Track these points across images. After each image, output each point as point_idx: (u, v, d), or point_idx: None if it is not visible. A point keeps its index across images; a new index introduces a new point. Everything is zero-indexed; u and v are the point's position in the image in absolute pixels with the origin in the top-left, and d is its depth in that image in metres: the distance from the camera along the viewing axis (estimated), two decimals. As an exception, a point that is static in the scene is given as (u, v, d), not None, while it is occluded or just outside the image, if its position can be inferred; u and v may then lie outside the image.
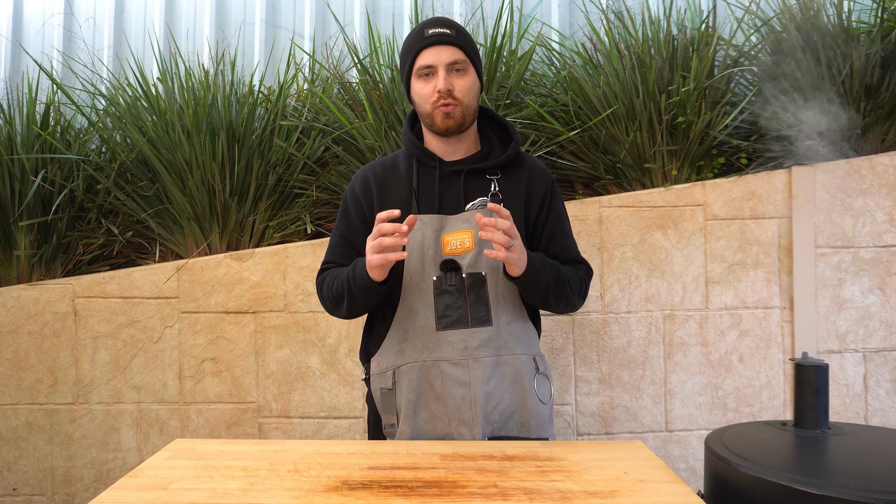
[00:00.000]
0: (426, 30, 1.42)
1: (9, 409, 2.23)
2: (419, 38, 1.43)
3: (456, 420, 1.39)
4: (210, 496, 1.04)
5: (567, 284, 1.43)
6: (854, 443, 1.09)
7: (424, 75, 1.43)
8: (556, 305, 1.45)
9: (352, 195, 1.52)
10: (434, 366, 1.40)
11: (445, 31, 1.42)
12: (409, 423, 1.41)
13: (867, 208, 2.23)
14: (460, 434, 1.39)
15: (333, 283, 1.44)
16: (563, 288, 1.42)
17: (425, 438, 1.42)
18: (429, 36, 1.41)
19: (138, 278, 2.24)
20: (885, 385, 2.23)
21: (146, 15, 2.94)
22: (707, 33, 2.39)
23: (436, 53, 1.41)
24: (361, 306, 1.43)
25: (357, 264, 1.39)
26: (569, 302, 1.46)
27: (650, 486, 1.07)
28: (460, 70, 1.42)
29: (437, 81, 1.40)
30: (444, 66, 1.40)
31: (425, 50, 1.42)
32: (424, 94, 1.43)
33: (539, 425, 1.44)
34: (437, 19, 1.44)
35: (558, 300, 1.43)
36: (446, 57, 1.41)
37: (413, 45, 1.44)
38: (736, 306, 2.23)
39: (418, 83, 1.44)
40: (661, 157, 2.30)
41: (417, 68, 1.43)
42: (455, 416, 1.39)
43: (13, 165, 2.29)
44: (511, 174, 1.50)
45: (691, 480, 2.22)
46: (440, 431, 1.41)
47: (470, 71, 1.44)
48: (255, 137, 2.35)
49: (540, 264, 1.38)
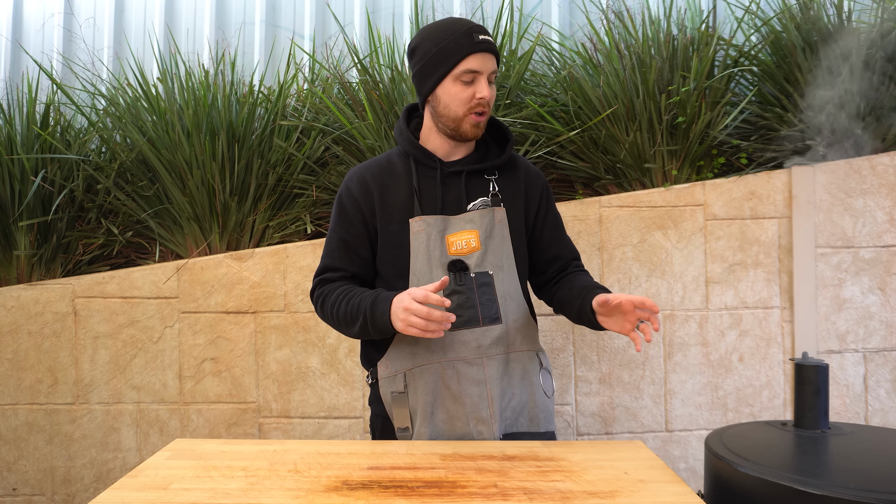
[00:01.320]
0: (476, 35, 1.40)
1: (9, 409, 2.23)
2: (469, 42, 1.39)
3: (474, 419, 1.39)
4: (210, 496, 1.04)
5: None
6: (854, 443, 1.09)
7: (467, 80, 1.40)
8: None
9: (349, 197, 1.48)
10: (449, 366, 1.40)
11: (490, 39, 1.42)
12: (427, 426, 1.40)
13: (867, 208, 2.23)
14: (479, 433, 1.39)
15: (341, 305, 1.40)
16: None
17: (444, 439, 1.41)
18: (480, 42, 1.39)
19: (138, 278, 2.24)
20: (885, 385, 2.23)
21: (146, 15, 2.94)
22: (707, 33, 2.39)
23: (483, 61, 1.40)
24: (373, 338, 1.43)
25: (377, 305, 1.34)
26: None
27: (650, 486, 1.07)
28: (493, 81, 1.45)
29: (477, 88, 1.40)
30: (488, 75, 1.42)
31: (475, 55, 1.39)
32: (463, 97, 1.40)
33: (546, 419, 1.48)
34: (481, 26, 1.44)
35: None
36: (491, 66, 1.42)
37: (461, 48, 1.39)
38: (736, 306, 2.23)
39: (456, 86, 1.41)
40: (661, 157, 2.30)
41: (462, 71, 1.39)
42: (473, 414, 1.39)
43: (13, 165, 2.29)
44: (508, 175, 1.52)
45: (691, 480, 2.22)
46: (458, 431, 1.41)
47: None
48: (255, 137, 2.35)
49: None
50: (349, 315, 1.38)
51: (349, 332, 1.42)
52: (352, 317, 1.38)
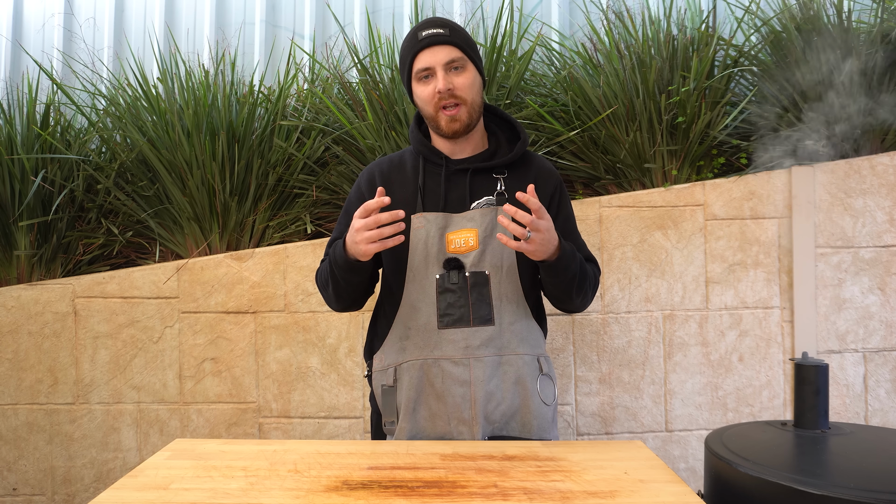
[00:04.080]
0: (420, 32, 1.42)
1: (9, 409, 2.23)
2: (413, 42, 1.43)
3: (455, 419, 1.39)
4: (210, 496, 1.04)
5: (587, 278, 1.43)
6: (854, 443, 1.09)
7: (423, 78, 1.42)
8: (577, 298, 1.44)
9: (357, 191, 1.53)
10: (435, 364, 1.40)
11: (439, 30, 1.41)
12: (409, 421, 1.41)
13: (867, 208, 2.23)
14: (460, 433, 1.39)
15: (323, 272, 1.47)
16: (586, 280, 1.43)
17: (425, 436, 1.42)
18: (423, 38, 1.41)
19: (138, 278, 2.24)
20: (885, 385, 2.23)
21: (146, 15, 2.94)
22: (707, 33, 2.39)
23: (432, 55, 1.40)
24: (345, 287, 1.42)
25: (336, 246, 1.39)
26: (586, 297, 1.46)
27: (650, 486, 1.07)
28: (458, 68, 1.42)
29: (436, 82, 1.40)
30: (442, 66, 1.40)
31: (421, 53, 1.42)
32: (426, 96, 1.42)
33: (541, 426, 1.44)
34: (430, 20, 1.44)
35: (580, 292, 1.43)
36: (442, 57, 1.40)
37: (409, 50, 1.44)
38: (736, 306, 2.23)
39: (419, 86, 1.44)
40: (661, 157, 2.30)
41: (416, 72, 1.43)
42: (455, 414, 1.39)
43: (13, 165, 2.29)
44: (518, 173, 1.50)
45: (691, 480, 2.22)
46: (440, 430, 1.41)
47: (469, 67, 1.43)
48: (255, 137, 2.35)
49: (570, 253, 1.37)
50: (325, 272, 1.43)
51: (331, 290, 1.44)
52: (325, 271, 1.43)
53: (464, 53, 1.43)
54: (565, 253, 1.35)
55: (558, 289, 1.42)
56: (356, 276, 1.40)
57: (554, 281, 1.40)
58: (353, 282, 1.42)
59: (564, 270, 1.37)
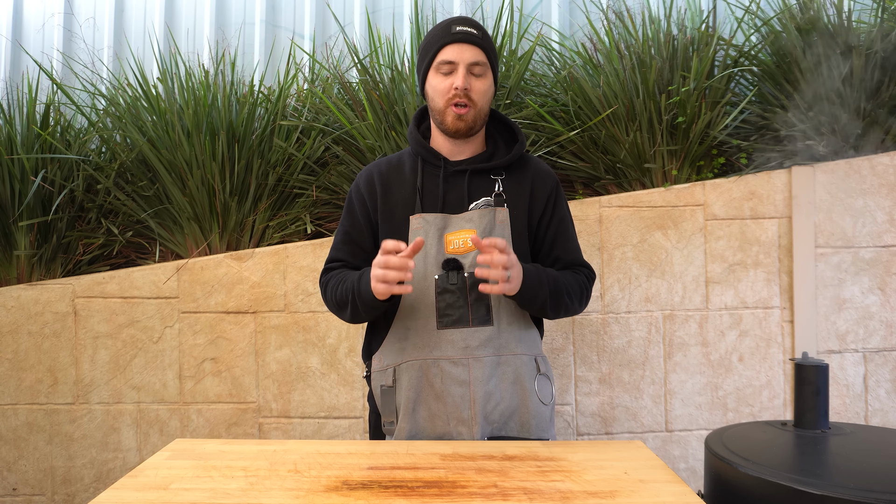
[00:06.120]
0: (453, 26, 1.43)
1: (9, 409, 2.23)
2: (445, 33, 1.43)
3: (455, 419, 1.39)
4: (210, 496, 1.04)
5: (566, 294, 1.44)
6: (854, 443, 1.09)
7: (445, 72, 1.43)
8: (555, 315, 1.47)
9: (356, 193, 1.52)
10: (434, 364, 1.40)
11: (472, 30, 1.43)
12: (409, 421, 1.41)
13: (867, 208, 2.23)
14: (459, 433, 1.39)
15: (338, 287, 1.44)
16: (562, 299, 1.43)
17: (424, 437, 1.42)
18: (455, 32, 1.42)
19: (138, 278, 2.24)
20: (885, 385, 2.23)
21: (146, 15, 2.94)
22: (707, 33, 2.39)
23: (459, 51, 1.41)
24: (364, 317, 1.45)
25: (363, 278, 1.38)
26: (568, 310, 1.47)
27: (650, 486, 1.07)
28: (480, 73, 1.43)
29: (455, 79, 1.41)
30: (466, 65, 1.41)
31: (449, 45, 1.42)
32: (441, 88, 1.43)
33: (539, 426, 1.44)
34: (466, 18, 1.45)
35: (556, 310, 1.45)
36: (469, 56, 1.41)
37: (437, 39, 1.44)
38: (736, 306, 2.23)
39: (436, 77, 1.44)
40: (661, 157, 2.30)
41: (438, 62, 1.43)
42: (454, 414, 1.39)
43: (13, 165, 2.29)
44: (516, 175, 1.51)
45: (691, 480, 2.22)
46: (439, 430, 1.41)
47: (488, 75, 1.45)
48: (255, 137, 2.35)
49: (536, 281, 1.38)
50: (344, 295, 1.42)
51: (348, 314, 1.44)
52: (344, 294, 1.42)
53: (488, 60, 1.44)
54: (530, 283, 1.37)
55: (531, 311, 1.46)
56: (376, 312, 1.42)
57: (525, 307, 1.44)
58: (371, 315, 1.44)
59: (532, 300, 1.39)
